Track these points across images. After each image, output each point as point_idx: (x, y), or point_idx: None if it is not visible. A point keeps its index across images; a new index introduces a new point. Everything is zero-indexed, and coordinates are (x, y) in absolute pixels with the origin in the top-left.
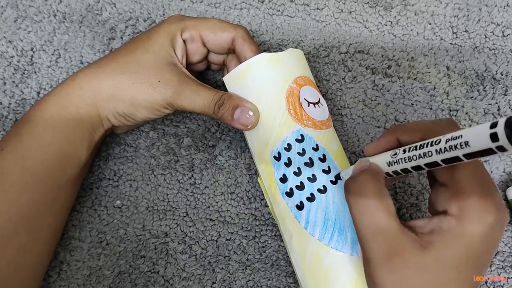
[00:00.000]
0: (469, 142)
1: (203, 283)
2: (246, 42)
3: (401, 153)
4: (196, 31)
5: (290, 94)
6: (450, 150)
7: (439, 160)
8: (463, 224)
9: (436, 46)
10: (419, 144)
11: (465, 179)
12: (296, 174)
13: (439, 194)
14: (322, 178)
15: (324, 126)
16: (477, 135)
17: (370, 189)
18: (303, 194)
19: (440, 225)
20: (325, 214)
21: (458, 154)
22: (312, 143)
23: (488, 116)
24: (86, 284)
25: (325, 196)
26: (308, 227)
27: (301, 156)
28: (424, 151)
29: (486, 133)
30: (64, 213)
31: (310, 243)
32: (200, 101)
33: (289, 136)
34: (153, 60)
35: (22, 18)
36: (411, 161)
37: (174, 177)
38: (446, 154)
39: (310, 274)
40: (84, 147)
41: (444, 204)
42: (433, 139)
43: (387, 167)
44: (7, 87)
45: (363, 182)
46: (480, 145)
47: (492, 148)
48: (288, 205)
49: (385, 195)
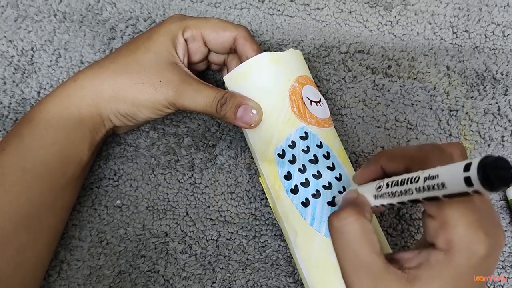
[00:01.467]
0: (446, 183)
1: (203, 283)
2: (248, 42)
3: (384, 187)
4: (197, 30)
5: (293, 92)
6: (429, 190)
7: (421, 198)
8: (451, 258)
9: (436, 46)
10: (400, 180)
11: (453, 211)
12: (301, 171)
13: (427, 225)
14: (327, 174)
15: (326, 124)
16: (453, 177)
17: (353, 225)
18: (309, 191)
19: (427, 259)
20: (331, 210)
21: (437, 194)
22: (316, 140)
23: (488, 116)
24: (86, 284)
25: (331, 192)
26: (314, 224)
27: (305, 153)
28: (405, 188)
29: (460, 176)
30: (65, 213)
31: (316, 240)
32: (202, 100)
33: (293, 133)
34: (154, 60)
35: (23, 18)
36: (394, 196)
37: (174, 176)
38: (426, 193)
39: (316, 271)
40: (85, 148)
41: (432, 237)
42: (413, 176)
43: (374, 200)
44: (8, 86)
45: (346, 218)
46: (456, 188)
47: (469, 192)
48: (293, 202)
49: (369, 230)
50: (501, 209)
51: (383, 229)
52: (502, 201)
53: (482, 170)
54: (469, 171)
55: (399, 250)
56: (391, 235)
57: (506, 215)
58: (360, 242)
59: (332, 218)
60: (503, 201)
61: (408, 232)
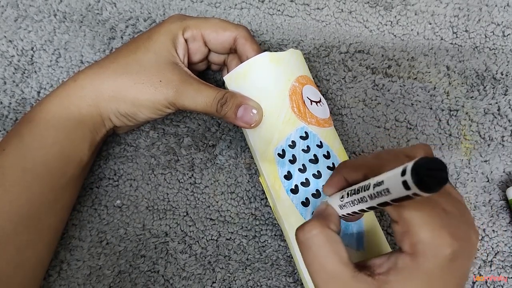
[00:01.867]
0: (390, 189)
1: (203, 283)
2: (248, 42)
3: (346, 196)
4: (197, 30)
5: (293, 92)
6: (379, 196)
7: (375, 205)
8: (417, 261)
9: (436, 46)
10: (356, 188)
11: (413, 214)
12: (301, 171)
13: (394, 230)
14: (327, 174)
15: (326, 124)
16: (394, 182)
17: (318, 237)
18: (309, 191)
19: (395, 264)
20: None
21: (386, 200)
22: (316, 140)
23: (488, 116)
24: (86, 284)
25: None
26: None
27: (305, 153)
28: (360, 196)
29: (399, 181)
30: (65, 213)
31: None
32: (203, 100)
33: (293, 133)
34: (154, 60)
35: (23, 18)
36: (354, 205)
37: (174, 176)
38: (377, 199)
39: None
40: (85, 148)
41: (399, 241)
42: (365, 184)
43: (340, 210)
44: (8, 86)
45: (311, 231)
46: (399, 193)
47: (410, 195)
48: (293, 202)
49: (334, 241)
50: (501, 209)
51: (383, 228)
52: (502, 201)
53: (416, 173)
54: (405, 175)
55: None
56: (391, 234)
57: (506, 215)
58: (326, 254)
59: (298, 232)
60: (503, 201)
61: None
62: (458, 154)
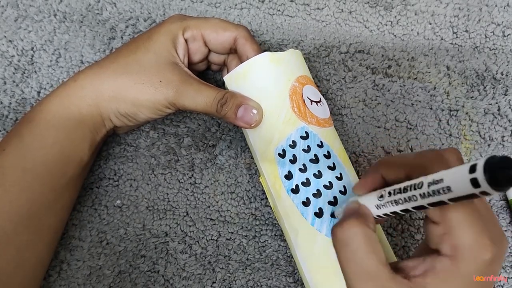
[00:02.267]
0: (451, 187)
1: (203, 283)
2: (248, 42)
3: (387, 196)
4: (197, 30)
5: (293, 92)
6: (434, 195)
7: (426, 204)
8: (457, 264)
9: (436, 46)
10: (403, 187)
11: (457, 216)
12: (302, 171)
13: (431, 232)
14: (327, 174)
15: (326, 124)
16: (458, 180)
17: (358, 236)
18: (309, 191)
19: (433, 266)
20: (332, 210)
21: (443, 198)
22: (317, 140)
23: (488, 116)
24: (86, 284)
25: (331, 192)
26: (315, 223)
27: (306, 153)
28: (409, 195)
29: (466, 178)
30: (65, 213)
31: (317, 239)
32: (203, 100)
33: (293, 133)
34: (154, 60)
35: (23, 18)
36: (398, 204)
37: (174, 176)
38: (431, 198)
39: (317, 270)
40: (86, 148)
41: (437, 243)
42: (416, 182)
43: (376, 210)
44: (8, 86)
45: (350, 228)
46: (463, 191)
47: (476, 193)
48: (294, 202)
49: (374, 241)
50: (501, 209)
51: (383, 229)
52: (502, 201)
53: (489, 170)
54: (475, 172)
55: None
56: (391, 235)
57: (506, 215)
58: (366, 253)
59: (336, 229)
60: (503, 201)
61: (408, 232)
62: None
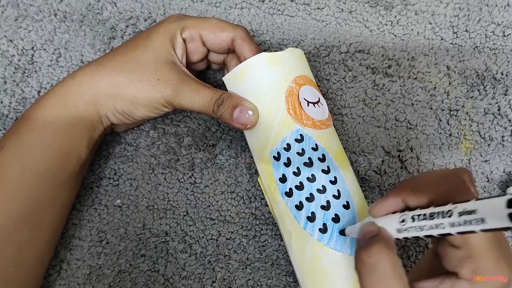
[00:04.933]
0: (485, 219)
1: (203, 282)
2: (245, 42)
3: (409, 221)
4: (196, 30)
5: (289, 94)
6: (465, 225)
7: (454, 233)
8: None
9: (436, 45)
10: (429, 213)
11: (479, 242)
12: (296, 174)
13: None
14: (321, 178)
15: (323, 125)
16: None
17: (385, 261)
18: (303, 194)
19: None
20: (324, 214)
21: (475, 229)
22: (312, 143)
23: (488, 116)
24: (86, 283)
25: (324, 196)
26: (307, 227)
27: (300, 156)
28: (436, 223)
29: (503, 213)
30: (65, 211)
31: (309, 243)
32: (200, 100)
33: (288, 136)
34: (153, 59)
35: (23, 17)
36: (422, 230)
37: (175, 176)
38: (461, 227)
39: (308, 274)
40: (83, 145)
41: (455, 266)
42: (444, 210)
43: (397, 233)
44: (8, 86)
45: (378, 253)
46: (498, 224)
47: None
48: (287, 205)
49: (399, 266)
50: None
51: None
52: None
53: None
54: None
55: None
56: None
57: None
58: (392, 278)
59: (363, 253)
60: None
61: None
62: (458, 154)
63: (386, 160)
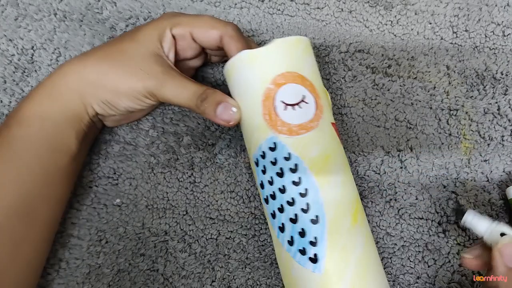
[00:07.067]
0: None
1: (202, 282)
2: (233, 41)
3: None
4: (187, 27)
5: (266, 97)
6: None
7: None
8: None
9: (436, 45)
10: None
11: None
12: (270, 183)
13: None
14: (291, 190)
15: (303, 129)
16: None
17: None
18: (275, 204)
19: None
20: (292, 227)
21: None
22: (284, 152)
23: (488, 116)
24: (85, 282)
25: (293, 209)
26: (279, 237)
27: (273, 166)
28: None
29: None
30: (60, 207)
31: (282, 252)
32: (184, 93)
33: (263, 143)
34: (138, 50)
35: (23, 17)
36: None
37: (174, 175)
38: None
39: (284, 279)
40: (72, 136)
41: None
42: None
43: None
44: (8, 85)
45: None
46: None
47: None
48: (267, 211)
49: None
50: (501, 209)
51: (383, 229)
52: (501, 201)
53: None
54: None
55: None
56: (390, 234)
57: (505, 215)
58: None
59: None
60: (502, 201)
61: (407, 231)
62: (458, 153)
63: (386, 160)
